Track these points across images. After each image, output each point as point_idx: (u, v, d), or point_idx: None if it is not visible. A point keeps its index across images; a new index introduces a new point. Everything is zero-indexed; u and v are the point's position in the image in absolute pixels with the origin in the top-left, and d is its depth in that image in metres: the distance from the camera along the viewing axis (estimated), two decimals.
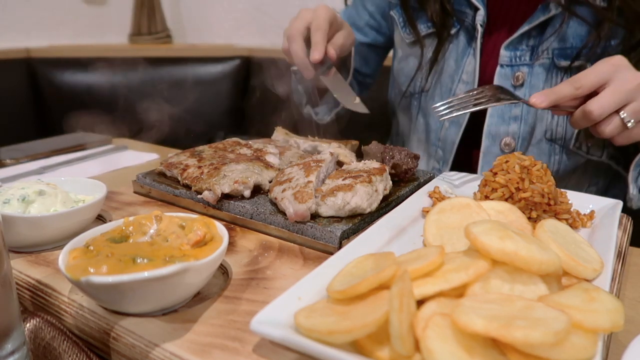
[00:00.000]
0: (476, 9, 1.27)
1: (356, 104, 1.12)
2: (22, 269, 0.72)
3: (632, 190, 1.08)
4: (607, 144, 1.22)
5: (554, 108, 0.98)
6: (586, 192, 1.20)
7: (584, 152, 1.25)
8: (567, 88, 0.95)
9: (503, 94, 1.02)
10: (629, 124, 0.94)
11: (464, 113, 1.00)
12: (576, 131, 1.22)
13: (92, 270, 0.57)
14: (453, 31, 1.33)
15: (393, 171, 1.00)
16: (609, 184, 1.33)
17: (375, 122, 1.41)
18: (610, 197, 0.92)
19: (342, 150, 1.05)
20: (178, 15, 3.04)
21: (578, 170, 1.27)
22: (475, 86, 1.29)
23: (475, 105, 1.00)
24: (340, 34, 1.23)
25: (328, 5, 1.21)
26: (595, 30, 1.15)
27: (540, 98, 0.96)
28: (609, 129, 0.95)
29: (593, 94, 0.95)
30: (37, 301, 0.69)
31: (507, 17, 1.28)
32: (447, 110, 1.00)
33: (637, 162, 1.08)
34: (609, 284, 0.62)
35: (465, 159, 1.39)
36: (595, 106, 0.93)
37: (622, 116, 0.94)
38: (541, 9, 1.20)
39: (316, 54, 1.13)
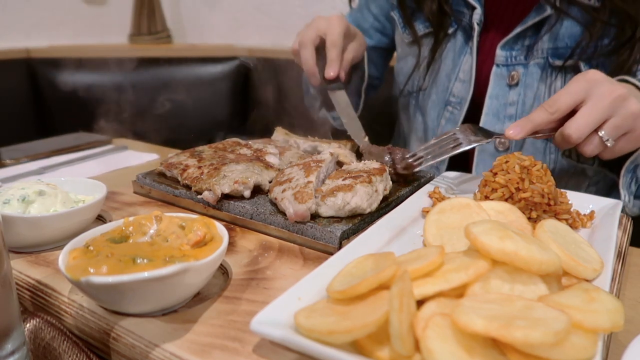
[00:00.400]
0: (473, 8, 1.28)
1: (364, 142, 1.13)
2: (22, 269, 0.72)
3: (624, 197, 1.06)
4: None
5: (533, 135, 0.96)
6: (586, 192, 1.20)
7: (574, 160, 1.24)
8: (543, 114, 0.93)
9: (476, 135, 0.99)
10: (608, 143, 0.91)
11: (435, 162, 0.98)
12: None
13: (92, 271, 0.57)
14: (450, 30, 1.34)
15: (392, 170, 1.00)
16: (612, 184, 1.32)
17: (376, 121, 1.41)
18: (611, 197, 0.91)
19: (342, 150, 1.05)
20: (178, 15, 3.04)
21: (577, 169, 1.27)
22: (472, 84, 1.30)
23: (443, 153, 0.97)
24: (352, 47, 1.26)
25: (342, 15, 1.22)
26: (587, 29, 1.15)
27: (516, 130, 0.93)
28: (590, 148, 0.93)
29: (572, 112, 0.92)
30: (37, 301, 0.69)
31: (504, 17, 1.29)
32: (417, 162, 0.99)
33: (628, 167, 1.05)
34: (609, 284, 0.62)
35: (462, 157, 1.39)
36: (573, 129, 0.90)
37: (601, 135, 0.91)
38: (536, 10, 1.21)
39: (331, 71, 1.17)
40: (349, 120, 1.16)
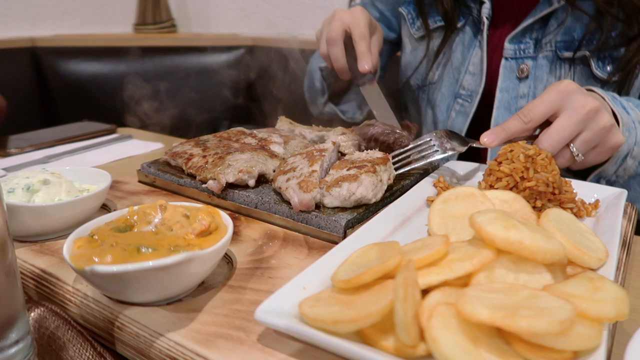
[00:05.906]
0: (481, 3, 1.28)
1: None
2: (27, 258, 0.72)
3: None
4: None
5: (509, 142, 0.95)
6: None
7: None
8: (517, 123, 0.93)
9: (451, 142, 0.99)
10: (577, 158, 0.92)
11: (410, 169, 0.98)
12: None
13: (96, 260, 0.57)
14: (459, 24, 1.34)
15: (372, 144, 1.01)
16: None
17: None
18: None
19: (346, 138, 1.05)
20: (183, 4, 3.03)
21: None
22: (483, 77, 1.29)
23: (420, 159, 0.97)
24: (376, 39, 1.23)
25: (363, 8, 1.19)
26: (596, 22, 1.14)
27: (490, 137, 0.93)
28: (561, 161, 0.93)
29: (547, 120, 0.93)
30: (41, 290, 0.69)
31: (511, 10, 1.29)
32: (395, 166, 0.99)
33: (591, 180, 1.03)
34: (613, 273, 0.62)
35: (473, 150, 1.39)
36: (546, 145, 0.90)
37: (572, 150, 0.91)
38: (543, 3, 1.20)
39: (365, 64, 1.14)
40: (382, 112, 1.14)
